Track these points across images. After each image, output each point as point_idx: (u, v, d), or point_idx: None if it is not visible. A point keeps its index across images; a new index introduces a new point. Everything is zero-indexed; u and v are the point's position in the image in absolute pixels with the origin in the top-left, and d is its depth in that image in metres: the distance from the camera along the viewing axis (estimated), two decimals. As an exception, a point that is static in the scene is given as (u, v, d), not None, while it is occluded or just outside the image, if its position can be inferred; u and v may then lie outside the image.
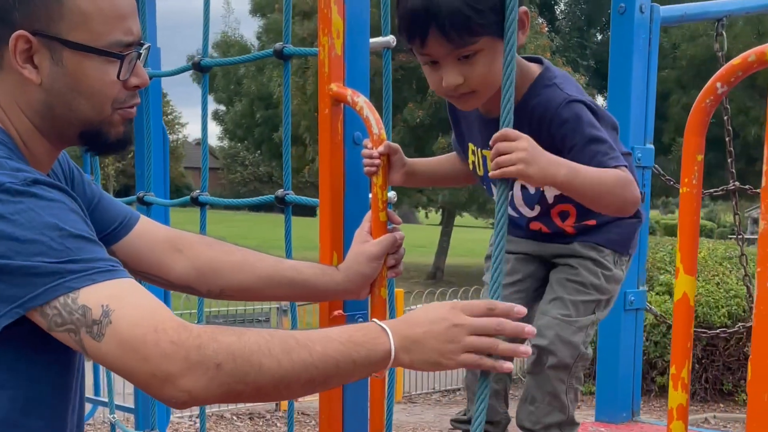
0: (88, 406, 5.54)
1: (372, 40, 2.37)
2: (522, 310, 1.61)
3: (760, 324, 1.57)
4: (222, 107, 33.52)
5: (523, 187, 2.21)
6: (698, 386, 10.48)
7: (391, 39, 2.48)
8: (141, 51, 1.72)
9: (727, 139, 3.18)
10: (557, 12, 28.70)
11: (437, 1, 1.87)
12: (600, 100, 29.21)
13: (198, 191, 3.14)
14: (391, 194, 2.22)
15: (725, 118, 3.13)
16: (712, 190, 3.50)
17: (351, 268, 2.11)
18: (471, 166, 2.31)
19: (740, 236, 3.27)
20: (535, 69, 2.15)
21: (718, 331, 3.44)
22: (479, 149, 2.24)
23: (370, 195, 2.29)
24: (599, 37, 29.40)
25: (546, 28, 23.29)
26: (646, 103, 3.05)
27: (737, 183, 3.14)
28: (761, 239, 1.58)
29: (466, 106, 2.09)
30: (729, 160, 3.16)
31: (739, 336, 9.73)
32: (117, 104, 1.71)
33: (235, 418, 9.85)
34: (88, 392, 5.40)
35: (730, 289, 10.08)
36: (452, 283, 21.47)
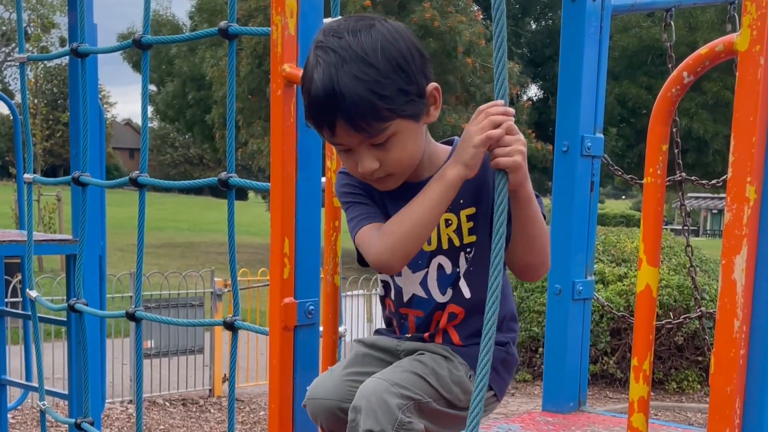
0: (18, 392, 5.40)
1: (324, 20, 2.30)
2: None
3: (723, 316, 1.55)
4: (153, 87, 33.07)
5: (439, 267, 2.05)
6: (630, 375, 10.65)
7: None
8: None
9: (674, 129, 3.17)
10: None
11: (340, 90, 1.79)
12: (533, 89, 29.51)
13: (137, 172, 3.04)
14: None
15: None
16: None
17: None
18: None
19: (686, 227, 3.27)
20: (445, 147, 2.08)
21: (663, 321, 3.44)
22: None
23: (324, 179, 2.24)
24: (533, 26, 29.65)
25: (481, 16, 23.40)
26: (597, 92, 3.04)
27: (684, 174, 3.14)
28: (726, 230, 1.56)
29: (384, 187, 1.99)
30: (676, 151, 3.16)
31: (669, 326, 9.90)
32: None
33: (168, 404, 9.72)
34: (18, 376, 5.26)
35: (661, 279, 10.23)
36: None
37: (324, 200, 2.25)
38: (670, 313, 9.46)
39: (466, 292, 2.05)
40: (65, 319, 4.34)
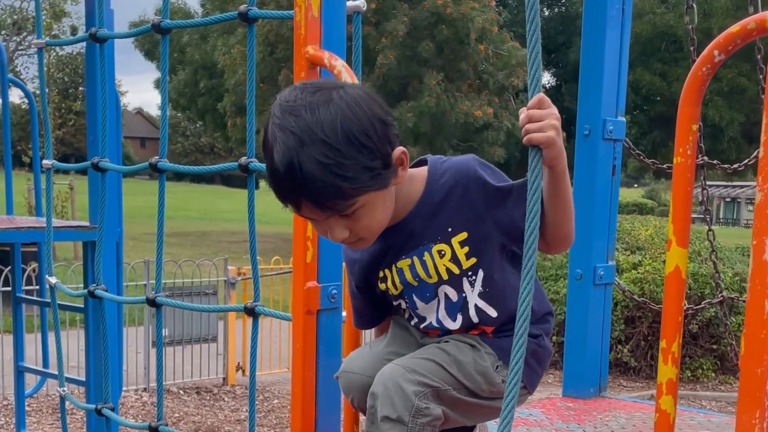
0: (35, 379, 5.42)
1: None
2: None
3: (753, 297, 1.54)
4: (165, 76, 33.00)
5: (446, 296, 2.04)
6: (644, 363, 10.60)
7: (361, 3, 2.40)
8: None
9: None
10: (505, -14, 28.81)
11: (303, 175, 1.72)
12: (546, 76, 29.41)
13: (156, 157, 3.02)
14: None
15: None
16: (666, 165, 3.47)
17: None
18: (388, 293, 2.10)
19: (707, 211, 3.25)
20: (422, 169, 2.02)
21: (693, 306, 3.42)
22: (392, 266, 2.05)
23: (347, 162, 2.22)
24: (546, 13, 29.54)
25: (494, 2, 23.31)
26: (619, 74, 3.01)
27: (706, 158, 3.11)
28: (757, 211, 1.55)
29: (358, 248, 1.96)
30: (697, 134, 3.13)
31: (686, 312, 9.88)
32: None
33: (182, 392, 9.73)
34: (33, 365, 5.28)
35: (676, 266, 10.17)
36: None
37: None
38: (685, 301, 9.42)
39: (492, 312, 2.04)
40: (82, 306, 4.34)
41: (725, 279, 9.96)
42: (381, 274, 2.07)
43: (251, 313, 2.62)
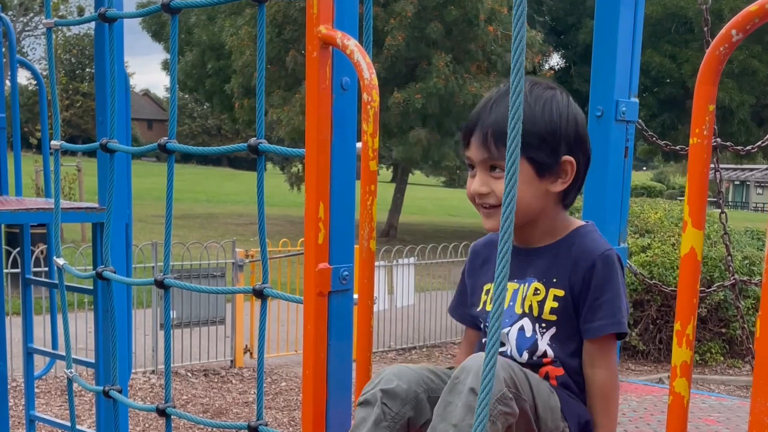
0: (44, 360, 5.43)
1: None
2: None
3: (770, 280, 1.52)
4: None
5: (520, 329, 2.19)
6: (652, 347, 10.59)
7: (373, -17, 2.38)
8: None
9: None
10: (513, -33, 28.62)
11: (487, 114, 2.11)
12: (555, 58, 29.31)
13: (165, 138, 3.00)
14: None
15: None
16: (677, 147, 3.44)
17: None
18: (483, 310, 2.29)
19: (719, 193, 3.23)
20: (578, 222, 2.25)
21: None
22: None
23: (359, 144, 2.21)
24: (555, -7, 29.42)
25: (503, -16, 23.22)
26: (632, 55, 2.98)
27: (719, 140, 3.08)
28: (775, 194, 1.53)
29: (489, 223, 2.19)
30: (711, 116, 3.10)
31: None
32: None
33: (190, 374, 9.76)
34: (41, 346, 5.28)
35: (684, 250, 10.15)
36: (406, 240, 21.51)
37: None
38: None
39: (558, 353, 2.17)
40: (92, 288, 4.34)
41: (734, 262, 9.94)
42: (487, 286, 2.27)
43: (259, 295, 2.60)
